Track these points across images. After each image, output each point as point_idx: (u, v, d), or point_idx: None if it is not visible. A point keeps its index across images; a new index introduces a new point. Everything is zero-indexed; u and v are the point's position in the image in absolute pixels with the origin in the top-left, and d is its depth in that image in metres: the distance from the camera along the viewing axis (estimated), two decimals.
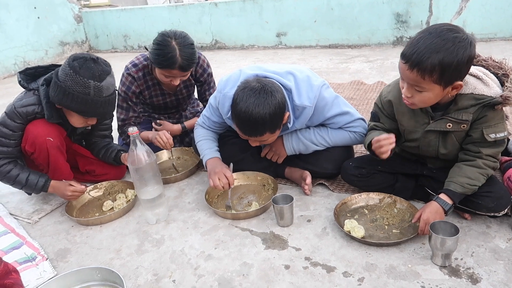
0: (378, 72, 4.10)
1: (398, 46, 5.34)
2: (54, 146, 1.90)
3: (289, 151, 1.91)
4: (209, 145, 1.97)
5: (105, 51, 7.52)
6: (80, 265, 1.59)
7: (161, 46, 1.99)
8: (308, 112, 1.73)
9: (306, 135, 1.85)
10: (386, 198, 1.74)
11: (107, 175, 2.22)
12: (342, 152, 1.90)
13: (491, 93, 1.38)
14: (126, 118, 2.28)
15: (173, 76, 2.08)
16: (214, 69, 2.94)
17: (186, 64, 2.01)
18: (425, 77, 1.29)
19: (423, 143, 1.58)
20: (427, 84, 1.32)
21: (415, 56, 1.28)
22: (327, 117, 1.80)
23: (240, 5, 6.16)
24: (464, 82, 1.39)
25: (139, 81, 2.23)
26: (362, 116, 1.88)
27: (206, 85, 2.42)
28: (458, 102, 1.43)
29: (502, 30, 4.83)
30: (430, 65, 1.27)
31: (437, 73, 1.28)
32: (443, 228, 1.38)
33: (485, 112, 1.41)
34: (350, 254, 1.49)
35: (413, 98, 1.39)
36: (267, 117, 1.57)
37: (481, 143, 1.47)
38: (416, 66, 1.29)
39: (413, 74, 1.31)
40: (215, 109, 1.89)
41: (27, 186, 1.90)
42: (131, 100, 2.26)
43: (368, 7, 5.33)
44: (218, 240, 1.66)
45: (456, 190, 1.46)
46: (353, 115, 1.83)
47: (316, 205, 1.82)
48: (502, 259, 1.38)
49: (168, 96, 2.37)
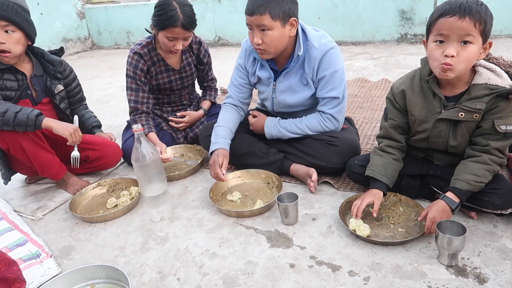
0: (383, 69, 4.08)
1: (402, 43, 5.32)
2: (26, 138, 1.88)
3: (268, 135, 2.06)
4: (224, 134, 2.00)
5: (108, 47, 7.53)
6: (84, 262, 1.59)
7: (163, 6, 2.11)
8: (315, 53, 1.83)
9: (282, 124, 2.01)
10: (392, 196, 1.73)
11: (104, 159, 2.23)
12: (350, 147, 1.90)
13: (505, 84, 1.40)
14: (138, 100, 2.33)
15: (175, 38, 2.14)
16: (217, 66, 2.94)
17: (187, 22, 2.10)
18: (476, 25, 1.30)
19: (433, 133, 1.57)
20: (476, 34, 1.31)
21: (463, 6, 1.29)
22: (323, 78, 1.87)
23: (243, 1, 6.11)
24: (478, 73, 1.43)
25: (145, 56, 2.31)
26: (350, 116, 2.03)
27: (207, 66, 2.57)
28: (472, 92, 1.43)
29: (508, 27, 4.80)
30: (479, 14, 1.29)
31: (483, 23, 1.30)
32: (450, 228, 1.37)
33: (498, 102, 1.41)
34: (355, 253, 1.48)
35: (457, 58, 1.34)
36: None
37: (490, 135, 1.46)
38: (467, 14, 1.29)
39: (466, 22, 1.29)
40: (242, 53, 2.05)
41: (17, 119, 1.80)
42: (140, 79, 2.31)
43: (373, 3, 5.30)
44: (222, 238, 1.65)
45: (463, 187, 1.45)
46: (336, 108, 1.91)
47: (321, 204, 1.82)
48: (509, 259, 1.37)
49: (172, 73, 2.41)
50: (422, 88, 1.54)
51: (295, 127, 1.98)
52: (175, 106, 2.59)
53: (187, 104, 2.64)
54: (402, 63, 4.26)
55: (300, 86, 1.95)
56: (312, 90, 1.94)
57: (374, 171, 1.64)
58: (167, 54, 2.35)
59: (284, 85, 1.96)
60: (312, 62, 1.86)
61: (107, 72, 5.37)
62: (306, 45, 1.86)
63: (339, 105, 1.91)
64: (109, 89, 4.46)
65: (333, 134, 1.94)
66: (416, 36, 5.24)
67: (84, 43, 7.45)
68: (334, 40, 1.92)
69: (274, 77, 1.98)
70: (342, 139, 1.91)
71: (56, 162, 2.03)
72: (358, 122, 2.70)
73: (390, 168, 1.63)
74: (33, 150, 1.92)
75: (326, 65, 1.85)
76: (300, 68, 1.92)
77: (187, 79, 2.50)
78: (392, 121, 1.66)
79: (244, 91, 2.11)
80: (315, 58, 1.84)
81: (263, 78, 2.00)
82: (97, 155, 2.21)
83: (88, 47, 7.56)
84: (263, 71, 1.99)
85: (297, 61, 1.89)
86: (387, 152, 1.67)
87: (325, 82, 1.88)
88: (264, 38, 1.75)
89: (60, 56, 2.19)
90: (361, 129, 2.58)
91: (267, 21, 1.70)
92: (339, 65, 1.87)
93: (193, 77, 2.55)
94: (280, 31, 1.74)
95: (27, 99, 2.01)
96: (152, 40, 2.33)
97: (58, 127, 1.89)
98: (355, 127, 2.20)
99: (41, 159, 1.95)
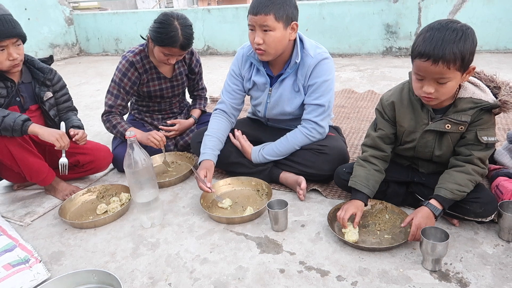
0: (368, 81, 4.18)
1: (387, 56, 5.46)
2: (14, 143, 1.89)
3: (255, 162, 2.09)
4: (212, 145, 2.03)
5: (96, 54, 7.50)
6: (74, 268, 1.59)
7: (164, 24, 2.12)
8: (309, 61, 1.89)
9: (266, 151, 2.05)
10: (378, 204, 1.78)
11: (94, 163, 2.22)
12: (339, 155, 1.95)
13: (488, 98, 1.48)
14: (114, 105, 2.34)
15: (171, 55, 2.20)
16: (206, 75, 2.97)
17: (186, 44, 2.17)
18: (450, 67, 1.35)
19: (420, 143, 1.64)
20: (452, 73, 1.37)
21: (436, 51, 1.33)
22: (314, 85, 1.93)
23: (233, 11, 6.22)
24: (463, 87, 1.50)
25: (138, 64, 2.32)
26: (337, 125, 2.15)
27: (198, 75, 2.63)
28: (458, 105, 1.51)
29: (488, 43, 4.99)
30: (453, 55, 1.33)
31: (459, 60, 1.34)
32: (434, 234, 1.43)
33: (481, 115, 1.50)
34: (343, 258, 1.52)
35: (436, 93, 1.43)
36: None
37: (473, 146, 1.54)
38: (440, 59, 1.34)
39: (439, 68, 1.35)
40: (238, 59, 2.09)
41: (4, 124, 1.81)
42: (124, 88, 2.33)
43: (359, 17, 5.45)
44: (213, 244, 1.67)
45: (446, 196, 1.51)
46: (321, 116, 1.96)
47: (310, 211, 1.86)
48: (489, 264, 1.43)
49: (164, 81, 2.44)
50: (410, 100, 1.61)
51: (283, 149, 2.01)
52: (165, 114, 2.62)
53: (177, 112, 2.66)
54: (387, 75, 4.38)
55: (292, 93, 1.99)
56: (303, 97, 1.99)
57: (356, 182, 1.69)
58: (159, 63, 2.38)
59: (279, 91, 2.01)
60: (305, 69, 1.92)
61: (95, 79, 5.35)
62: (302, 53, 1.91)
63: (324, 113, 1.96)
64: (97, 95, 4.45)
65: (322, 143, 1.99)
66: (401, 50, 5.38)
67: (71, 49, 7.40)
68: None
69: (270, 82, 2.02)
70: (331, 147, 1.96)
71: (45, 167, 2.03)
72: (345, 132, 2.77)
73: (372, 179, 1.69)
74: (21, 155, 1.91)
75: (318, 73, 1.91)
76: (294, 74, 1.97)
77: (178, 87, 2.52)
78: (381, 131, 1.71)
79: (237, 97, 2.14)
80: (309, 65, 1.90)
81: (259, 83, 2.04)
82: (88, 159, 2.21)
83: (76, 53, 7.52)
84: (259, 76, 2.03)
85: (294, 67, 1.94)
86: (370, 162, 1.72)
87: (314, 89, 1.93)
88: (265, 38, 1.79)
89: (50, 64, 2.19)
90: (348, 139, 2.65)
91: (271, 22, 1.75)
92: (330, 75, 1.94)
93: (184, 86, 2.58)
94: (281, 33, 1.80)
95: (15, 106, 2.01)
96: (145, 48, 2.35)
97: (44, 133, 1.89)
98: (342, 135, 2.26)
99: (30, 164, 1.95)
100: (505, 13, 4.82)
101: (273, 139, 2.08)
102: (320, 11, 5.62)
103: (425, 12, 5.09)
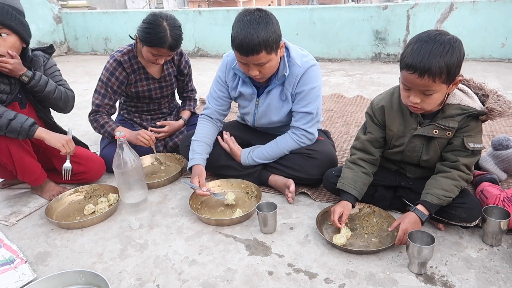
0: (357, 86, 4.23)
1: (376, 62, 5.53)
2: (16, 144, 1.86)
3: (244, 164, 2.09)
4: (200, 149, 2.03)
5: (85, 53, 7.42)
6: (61, 268, 1.57)
7: (153, 25, 2.11)
8: (296, 71, 1.89)
9: (255, 154, 2.06)
10: (366, 208, 1.81)
11: (87, 174, 2.17)
12: (327, 159, 1.97)
13: (476, 105, 1.52)
14: (101, 105, 2.32)
15: (160, 55, 2.19)
16: (196, 77, 2.96)
17: (175, 44, 2.16)
18: (435, 80, 1.38)
19: (408, 147, 1.67)
20: (437, 86, 1.40)
21: (422, 64, 1.36)
22: (301, 92, 1.93)
23: (224, 14, 6.23)
24: (452, 94, 1.53)
25: (125, 64, 2.31)
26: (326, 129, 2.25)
27: (188, 77, 2.62)
28: (446, 111, 1.54)
29: (474, 52, 5.10)
30: (439, 69, 1.35)
31: (445, 74, 1.37)
32: (420, 238, 1.45)
33: (468, 122, 1.53)
34: (331, 261, 1.54)
35: (422, 103, 1.46)
36: (264, 32, 1.68)
37: (460, 152, 1.57)
38: (426, 73, 1.36)
39: (424, 81, 1.38)
40: (223, 66, 2.06)
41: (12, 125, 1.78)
42: (112, 87, 2.31)
43: (349, 23, 5.51)
44: (202, 245, 1.67)
45: (433, 201, 1.54)
46: (310, 123, 1.97)
47: (299, 214, 1.87)
48: (473, 268, 1.46)
49: (152, 82, 2.43)
50: (400, 105, 1.64)
51: (273, 153, 2.02)
52: (154, 114, 2.60)
53: (167, 112, 2.65)
54: (376, 80, 4.43)
55: (279, 102, 2.00)
56: (290, 105, 2.00)
57: (344, 184, 1.72)
58: (147, 63, 2.37)
59: (266, 102, 2.01)
60: (293, 79, 1.92)
61: (84, 78, 5.30)
62: (289, 62, 1.92)
63: (312, 121, 1.98)
64: (85, 95, 4.40)
65: (311, 147, 2.01)
66: (389, 56, 5.46)
67: (59, 47, 7.31)
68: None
69: (257, 93, 2.03)
70: (320, 151, 1.98)
71: (38, 168, 2.00)
72: (334, 136, 2.80)
73: (359, 181, 1.71)
74: (19, 155, 1.89)
75: (305, 81, 1.92)
76: (281, 85, 1.97)
77: (166, 88, 2.51)
78: (370, 135, 1.74)
79: (223, 103, 2.13)
80: (297, 75, 1.91)
81: (246, 94, 2.04)
82: (80, 169, 2.13)
83: (64, 52, 7.43)
84: (246, 87, 2.03)
85: (281, 79, 1.94)
86: (358, 165, 1.75)
87: (302, 96, 1.94)
88: (261, 70, 1.80)
89: (51, 54, 2.13)
90: (337, 143, 2.67)
91: (264, 58, 1.74)
92: (317, 82, 1.95)
93: (173, 87, 2.57)
94: (275, 59, 1.81)
95: (15, 102, 1.96)
96: (134, 48, 2.34)
97: (51, 139, 1.87)
98: (331, 139, 2.28)
99: (25, 163, 1.92)
100: (491, 23, 4.94)
101: (262, 142, 2.09)
102: (311, 15, 5.67)
103: (414, 20, 5.18)
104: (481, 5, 4.91)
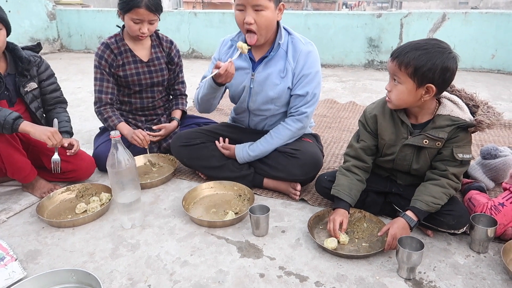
0: (350, 92, 4.28)
1: (369, 69, 5.59)
2: (3, 140, 1.85)
3: (239, 159, 2.10)
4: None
5: (78, 51, 7.37)
6: (51, 267, 1.56)
7: None
8: (300, 47, 1.92)
9: (251, 148, 2.07)
10: (357, 213, 1.83)
11: (76, 172, 2.16)
12: (310, 160, 1.98)
13: (465, 117, 1.56)
14: (102, 90, 2.36)
15: (141, 20, 2.20)
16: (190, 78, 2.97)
17: (152, 3, 2.17)
18: (401, 68, 1.46)
19: (399, 156, 1.70)
20: (402, 76, 1.48)
21: (398, 50, 1.48)
22: (309, 75, 1.95)
23: (219, 16, 6.25)
24: (442, 105, 1.58)
25: (112, 45, 2.36)
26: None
27: (178, 67, 2.63)
28: (436, 122, 1.58)
29: (464, 62, 5.18)
30: (407, 58, 1.45)
31: (411, 67, 1.45)
32: (409, 243, 1.48)
33: (458, 133, 1.57)
34: (322, 265, 1.55)
35: (391, 93, 1.54)
36: None
37: (449, 162, 1.61)
38: (396, 58, 1.47)
39: (393, 64, 1.49)
40: (219, 45, 2.13)
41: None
42: (105, 69, 2.36)
43: (343, 30, 5.57)
44: (194, 247, 1.68)
45: (422, 208, 1.57)
46: (309, 103, 1.98)
47: (291, 217, 1.89)
48: (460, 274, 1.49)
49: (140, 65, 2.43)
50: (392, 114, 1.67)
51: (267, 145, 2.03)
52: (149, 115, 2.59)
53: (161, 113, 2.63)
54: (368, 87, 4.49)
55: (278, 78, 1.97)
56: (288, 84, 1.97)
57: (339, 191, 1.74)
58: (135, 45, 2.40)
59: (263, 75, 1.99)
60: (297, 54, 1.93)
61: (76, 76, 5.26)
62: (290, 38, 1.94)
63: (312, 101, 1.99)
64: (78, 93, 4.38)
65: (295, 147, 2.01)
66: (382, 63, 5.53)
67: (52, 44, 7.26)
68: None
69: (252, 67, 2.01)
70: (303, 151, 1.99)
71: (28, 165, 1.98)
72: (326, 141, 2.83)
73: (354, 189, 1.74)
74: (7, 151, 1.87)
75: (311, 63, 1.95)
76: (281, 59, 1.96)
77: (156, 74, 2.48)
78: (363, 143, 1.77)
79: None
80: (301, 51, 1.93)
81: (240, 67, 2.01)
82: (69, 168, 2.12)
83: (57, 49, 7.37)
84: (241, 61, 2.01)
85: (277, 50, 1.95)
86: (352, 172, 1.77)
87: (310, 79, 1.95)
88: (257, 18, 1.80)
89: (38, 52, 2.14)
90: (329, 148, 2.70)
91: (263, 1, 1.76)
92: (319, 66, 2.01)
93: (163, 74, 2.52)
94: (272, 13, 1.82)
95: (4, 100, 1.95)
96: (121, 32, 2.40)
97: (36, 132, 1.84)
98: (321, 143, 2.27)
99: (14, 160, 1.91)
100: (482, 34, 5.03)
101: (254, 141, 2.10)
102: (306, 21, 5.72)
103: (407, 28, 5.26)
104: (472, 17, 5.01)
